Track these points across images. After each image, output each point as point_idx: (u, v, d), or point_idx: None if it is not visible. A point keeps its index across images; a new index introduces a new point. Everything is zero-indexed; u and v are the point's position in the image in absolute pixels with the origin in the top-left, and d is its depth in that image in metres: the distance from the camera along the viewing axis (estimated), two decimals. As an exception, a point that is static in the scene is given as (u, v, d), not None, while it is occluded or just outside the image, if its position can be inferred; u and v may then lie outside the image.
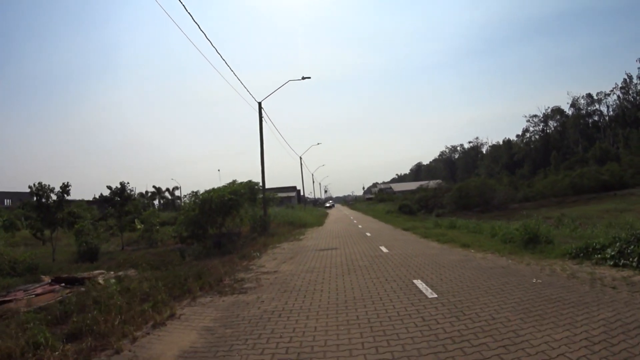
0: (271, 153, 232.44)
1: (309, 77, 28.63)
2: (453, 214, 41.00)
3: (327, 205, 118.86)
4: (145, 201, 69.05)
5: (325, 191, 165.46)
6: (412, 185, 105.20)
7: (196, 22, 29.90)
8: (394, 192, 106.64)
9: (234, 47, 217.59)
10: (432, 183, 73.49)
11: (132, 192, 30.52)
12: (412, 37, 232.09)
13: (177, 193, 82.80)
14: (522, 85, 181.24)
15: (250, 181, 26.89)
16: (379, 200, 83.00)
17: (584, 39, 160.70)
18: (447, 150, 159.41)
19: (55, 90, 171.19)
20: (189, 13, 15.27)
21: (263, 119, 28.06)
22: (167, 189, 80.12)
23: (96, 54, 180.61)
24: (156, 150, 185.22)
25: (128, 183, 28.08)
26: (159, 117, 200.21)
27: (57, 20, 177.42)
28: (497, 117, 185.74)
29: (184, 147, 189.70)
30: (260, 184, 27.29)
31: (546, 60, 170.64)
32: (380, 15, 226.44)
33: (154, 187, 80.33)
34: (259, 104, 28.04)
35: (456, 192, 43.80)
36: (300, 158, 62.29)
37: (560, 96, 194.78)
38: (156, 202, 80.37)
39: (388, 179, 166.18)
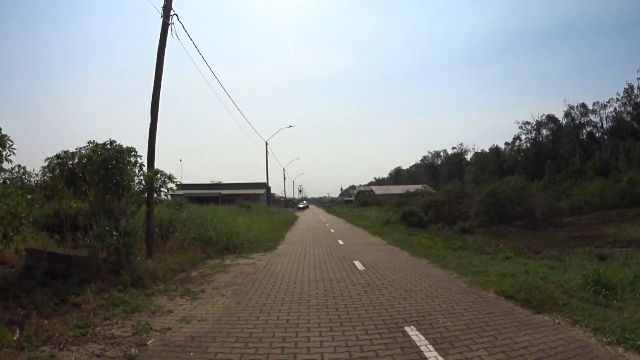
0: (244, 148, 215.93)
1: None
2: (487, 229, 25.53)
3: (300, 206, 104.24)
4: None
5: (300, 191, 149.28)
6: (397, 189, 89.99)
7: None
8: (376, 195, 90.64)
9: (223, 48, 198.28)
10: (422, 187, 58.24)
11: None
12: (396, 43, 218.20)
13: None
14: (508, 97, 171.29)
15: (111, 144, 10.02)
16: (362, 203, 65.14)
17: (571, 54, 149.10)
18: (429, 156, 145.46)
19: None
20: None
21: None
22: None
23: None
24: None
25: None
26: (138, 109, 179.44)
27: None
28: (480, 126, 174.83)
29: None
30: (142, 154, 10.96)
31: (534, 72, 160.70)
32: (364, 20, 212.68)
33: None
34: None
35: (489, 198, 28.07)
36: (267, 144, 46.21)
37: (548, 109, 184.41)
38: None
39: (365, 182, 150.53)
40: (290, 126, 43.93)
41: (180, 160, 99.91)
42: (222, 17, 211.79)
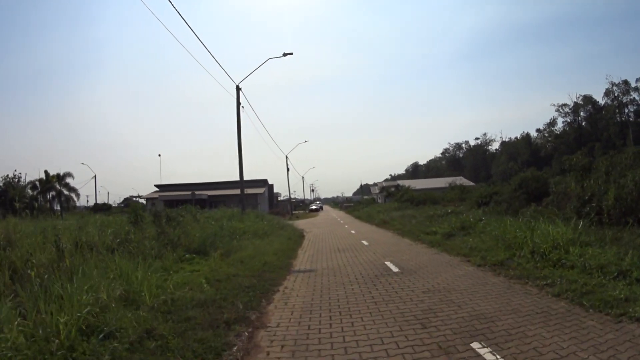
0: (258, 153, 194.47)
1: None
2: None
3: (313, 207, 79.57)
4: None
5: (312, 190, 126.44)
6: (434, 183, 67.73)
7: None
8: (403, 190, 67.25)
9: (220, 47, 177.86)
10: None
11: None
12: (404, 39, 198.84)
13: (70, 182, 46.69)
14: (520, 90, 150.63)
15: None
16: (407, 201, 35.55)
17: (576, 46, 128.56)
18: (450, 148, 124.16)
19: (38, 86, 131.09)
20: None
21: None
22: (58, 175, 44.28)
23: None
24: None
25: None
26: (140, 116, 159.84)
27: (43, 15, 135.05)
28: (496, 120, 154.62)
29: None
30: None
31: (540, 66, 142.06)
32: (372, 16, 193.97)
33: (45, 171, 44.57)
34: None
35: None
36: (238, 88, 25.65)
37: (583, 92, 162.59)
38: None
39: (379, 180, 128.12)
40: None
41: (159, 155, 78.76)
42: (215, 16, 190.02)
